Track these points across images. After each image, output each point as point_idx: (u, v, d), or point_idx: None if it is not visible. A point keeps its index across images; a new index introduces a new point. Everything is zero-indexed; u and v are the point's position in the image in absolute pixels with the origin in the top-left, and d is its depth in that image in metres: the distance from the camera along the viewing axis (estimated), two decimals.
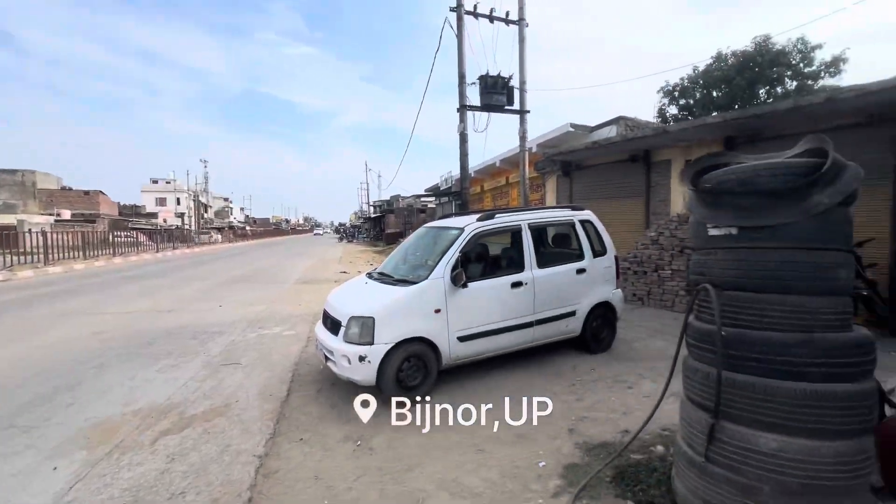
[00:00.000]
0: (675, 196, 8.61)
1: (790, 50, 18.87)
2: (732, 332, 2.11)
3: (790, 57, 18.73)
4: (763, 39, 18.99)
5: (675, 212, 8.32)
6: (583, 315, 5.15)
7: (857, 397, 1.89)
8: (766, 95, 19.20)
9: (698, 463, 2.19)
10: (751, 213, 2.08)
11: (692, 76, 21.37)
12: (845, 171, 1.97)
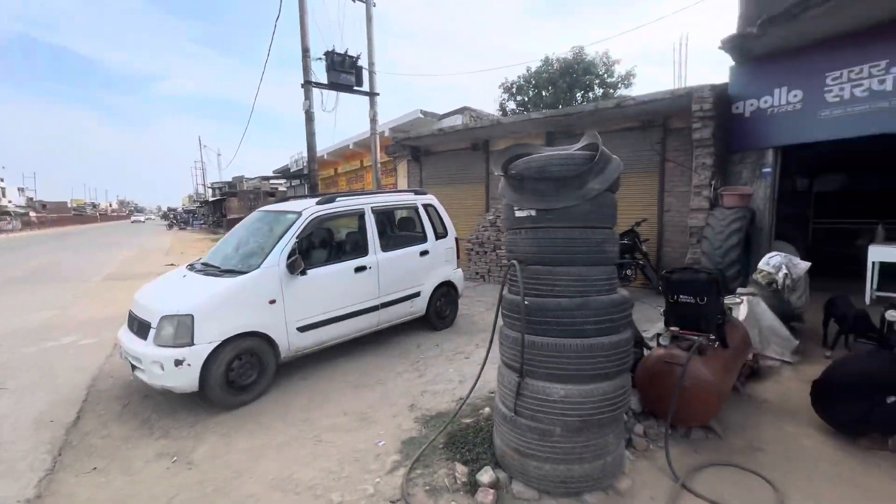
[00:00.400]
0: None
1: (598, 62, 22.52)
2: (534, 300, 2.42)
3: (597, 68, 22.35)
4: (579, 50, 22.25)
5: None
6: (427, 295, 5.38)
7: (619, 345, 2.36)
8: (581, 98, 22.60)
9: (509, 417, 2.48)
10: (545, 197, 2.40)
11: (526, 76, 23.89)
12: (610, 162, 2.41)
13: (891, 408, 2.69)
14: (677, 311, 3.11)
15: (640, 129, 7.58)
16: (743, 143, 6.55)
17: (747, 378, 3.87)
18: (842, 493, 2.42)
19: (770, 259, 4.89)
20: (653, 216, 7.65)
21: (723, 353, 3.03)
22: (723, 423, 3.14)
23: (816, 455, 2.77)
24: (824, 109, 5.71)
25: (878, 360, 2.82)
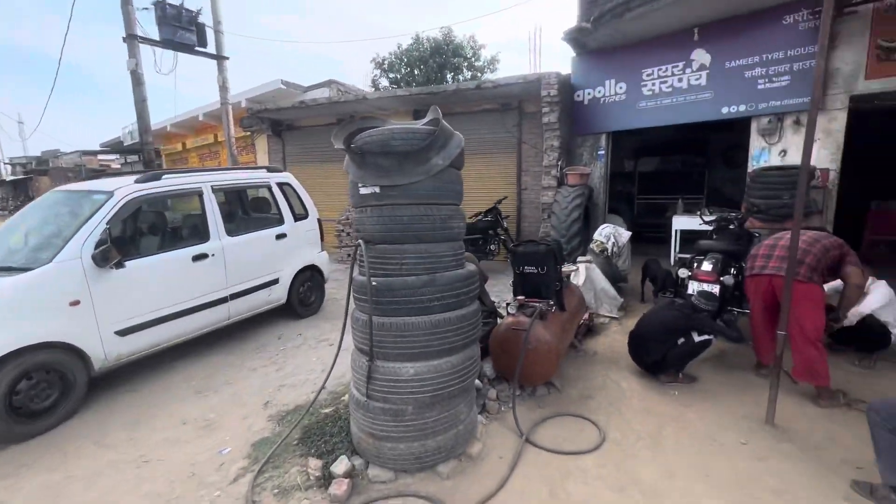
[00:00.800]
0: None
1: (466, 45, 23.19)
2: (382, 281, 2.34)
3: (465, 51, 23.04)
4: (448, 31, 22.60)
5: None
6: (287, 281, 4.98)
7: (465, 319, 2.42)
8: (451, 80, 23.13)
9: (362, 402, 2.40)
10: (389, 173, 2.30)
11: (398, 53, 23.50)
12: (452, 138, 2.41)
13: (680, 348, 3.31)
14: (523, 281, 3.36)
15: (499, 111, 8.00)
16: (583, 128, 7.37)
17: (584, 335, 4.42)
18: (645, 421, 2.91)
19: (602, 230, 5.63)
20: (512, 194, 8.22)
21: (561, 317, 3.37)
22: (563, 377, 3.53)
23: (630, 394, 3.28)
24: (641, 101, 6.69)
25: (673, 310, 3.43)
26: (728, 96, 5.95)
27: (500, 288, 6.04)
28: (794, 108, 5.50)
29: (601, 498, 2.24)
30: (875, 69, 5.02)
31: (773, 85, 5.62)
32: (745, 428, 2.81)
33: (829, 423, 2.82)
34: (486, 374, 3.33)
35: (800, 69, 5.40)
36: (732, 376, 3.51)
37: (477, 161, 8.48)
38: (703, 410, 3.03)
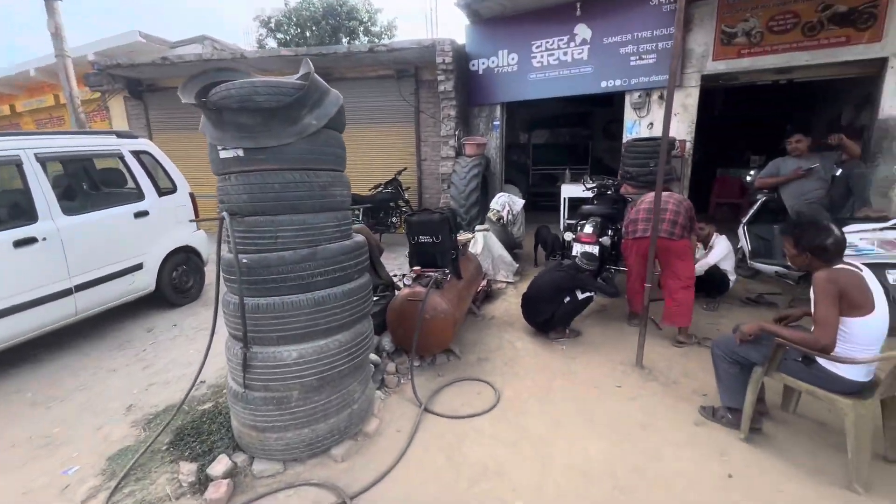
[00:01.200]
0: None
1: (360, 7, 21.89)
2: (254, 257, 2.07)
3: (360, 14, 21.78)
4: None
5: None
6: (155, 266, 4.32)
7: (354, 293, 2.27)
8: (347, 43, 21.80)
9: (241, 394, 2.16)
10: (253, 134, 2.01)
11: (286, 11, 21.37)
12: (327, 95, 2.17)
13: (567, 306, 3.54)
14: (418, 251, 3.29)
15: (395, 78, 7.70)
16: (479, 98, 7.42)
17: (482, 301, 4.55)
18: (537, 377, 3.08)
19: (498, 199, 5.78)
20: (412, 165, 8.08)
21: (458, 285, 3.38)
22: (462, 343, 3.59)
23: (524, 353, 3.45)
24: (532, 73, 6.90)
25: (560, 271, 3.64)
26: (606, 71, 6.39)
27: (403, 261, 5.94)
28: (660, 84, 6.09)
29: (495, 455, 2.32)
30: (720, 51, 5.74)
31: (642, 62, 6.15)
32: (620, 372, 3.12)
33: (684, 361, 3.25)
34: (385, 349, 3.24)
35: (664, 48, 5.96)
36: (610, 327, 3.87)
37: (374, 130, 8.14)
38: (586, 361, 3.29)
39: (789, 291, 4.50)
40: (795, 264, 2.18)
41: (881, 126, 5.16)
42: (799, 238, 2.10)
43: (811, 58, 5.30)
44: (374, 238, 3.48)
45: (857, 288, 1.93)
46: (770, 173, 4.35)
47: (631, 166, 5.75)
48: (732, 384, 2.41)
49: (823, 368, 2.07)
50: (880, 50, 4.99)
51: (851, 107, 6.51)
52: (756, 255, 4.60)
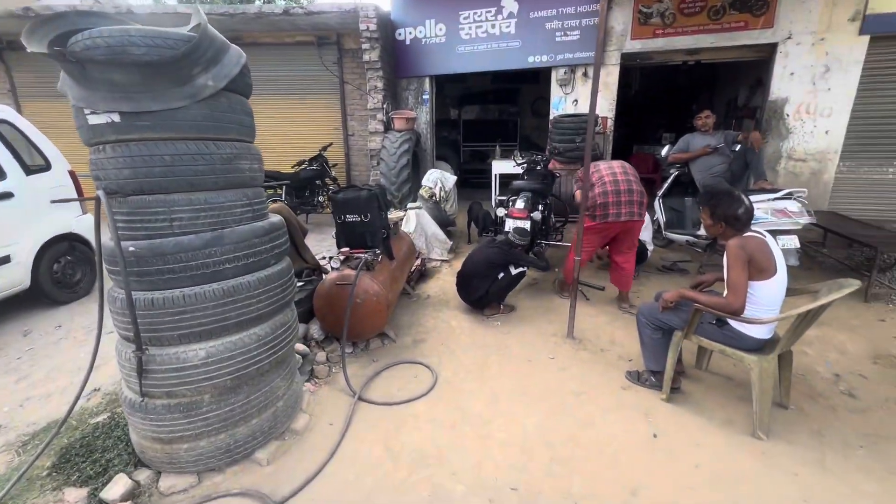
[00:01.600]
0: None
1: None
2: (145, 244, 1.75)
3: None
4: None
5: None
6: (28, 258, 3.65)
7: (272, 280, 2.03)
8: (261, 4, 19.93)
9: (138, 403, 1.86)
10: (130, 94, 1.66)
11: None
12: (226, 51, 1.86)
13: (501, 282, 3.53)
14: (346, 230, 3.06)
15: (316, 46, 7.12)
16: (406, 70, 7.11)
17: (417, 280, 4.44)
18: (473, 354, 3.05)
19: (430, 175, 5.63)
20: (339, 140, 7.63)
21: (390, 265, 3.22)
22: (396, 325, 3.46)
23: (459, 331, 3.41)
24: (460, 45, 6.72)
25: (493, 247, 3.61)
26: (533, 46, 6.40)
27: (331, 242, 5.62)
28: (584, 61, 6.23)
29: (435, 439, 2.25)
30: (637, 31, 5.96)
31: (567, 38, 6.23)
32: (553, 344, 3.19)
33: (611, 329, 3.41)
34: (314, 337, 3.02)
35: (587, 25, 6.07)
36: (542, 300, 3.96)
37: (295, 102, 7.54)
38: (520, 335, 3.33)
39: (698, 258, 4.91)
40: (710, 233, 2.30)
41: (771, 107, 5.72)
42: (714, 208, 2.21)
43: (715, 40, 5.69)
44: (295, 218, 3.19)
45: (763, 253, 2.07)
46: (681, 149, 4.65)
47: (558, 142, 5.87)
48: (655, 348, 2.54)
49: (733, 329, 2.24)
50: (772, 35, 5.48)
51: (747, 88, 7.17)
52: (670, 225, 4.94)
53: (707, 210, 2.25)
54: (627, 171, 3.53)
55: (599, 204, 3.43)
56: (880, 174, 5.54)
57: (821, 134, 5.55)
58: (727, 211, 2.16)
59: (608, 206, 3.41)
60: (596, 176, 3.52)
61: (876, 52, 5.19)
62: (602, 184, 3.45)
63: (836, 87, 5.37)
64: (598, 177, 3.51)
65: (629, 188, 3.43)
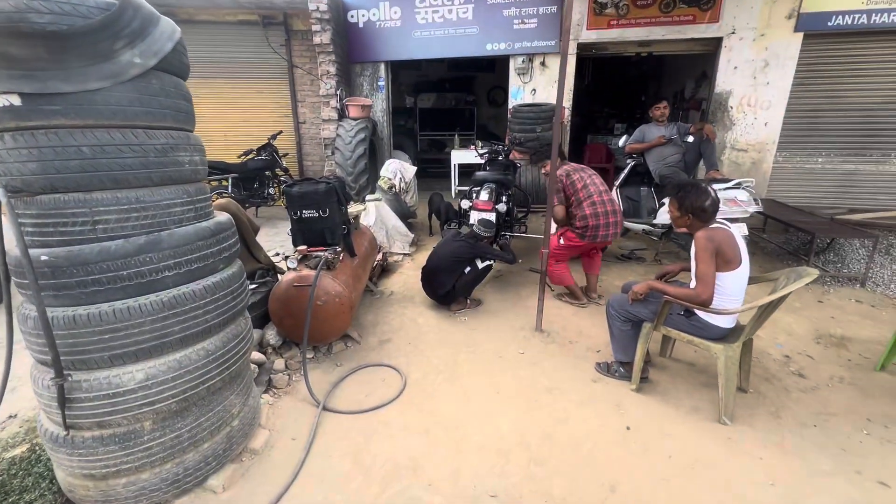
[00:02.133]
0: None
1: None
2: (62, 252, 1.48)
3: None
4: None
5: None
6: None
7: (221, 287, 1.80)
8: None
9: (61, 437, 1.60)
10: (33, 72, 1.37)
11: None
12: (156, 24, 1.59)
13: (467, 276, 3.44)
14: (303, 227, 2.84)
15: (261, 26, 6.63)
16: (361, 55, 6.78)
17: (379, 276, 4.26)
18: (442, 353, 2.95)
19: (389, 166, 5.42)
20: (289, 128, 7.20)
21: (351, 263, 3.03)
22: (360, 325, 3.29)
23: (427, 328, 3.29)
24: (416, 30, 6.48)
25: (458, 241, 3.51)
26: (491, 33, 6.28)
27: (285, 238, 5.29)
28: (542, 49, 6.20)
29: (408, 448, 2.13)
30: (592, 21, 6.00)
31: (525, 26, 6.17)
32: (522, 338, 3.15)
33: (577, 320, 3.42)
34: (270, 343, 2.79)
35: (545, 14, 6.04)
36: (508, 293, 3.92)
37: (240, 87, 7.03)
38: (488, 331, 3.26)
39: (654, 246, 5.07)
40: (678, 225, 2.32)
41: (716, 99, 5.98)
42: (682, 200, 2.21)
43: (666, 32, 5.84)
44: (245, 214, 2.92)
45: (730, 245, 2.10)
46: (637, 139, 4.74)
47: (518, 132, 5.83)
48: (624, 340, 2.55)
49: (701, 319, 2.27)
50: (717, 30, 5.69)
51: (693, 81, 7.47)
52: (626, 214, 5.04)
53: (675, 202, 2.26)
54: (601, 188, 3.46)
55: (590, 225, 3.37)
56: (811, 164, 5.95)
57: (760, 126, 5.88)
58: (695, 203, 2.17)
59: (598, 228, 3.37)
60: (583, 193, 3.41)
61: (808, 48, 5.53)
62: (591, 203, 3.37)
63: (773, 80, 5.69)
64: (586, 194, 3.40)
65: (613, 209, 3.42)
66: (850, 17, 5.29)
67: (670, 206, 2.30)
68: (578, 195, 3.43)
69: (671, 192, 2.30)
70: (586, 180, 3.46)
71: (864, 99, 5.58)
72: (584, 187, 3.43)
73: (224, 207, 2.75)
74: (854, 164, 5.83)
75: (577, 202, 3.44)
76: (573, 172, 3.48)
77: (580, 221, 3.42)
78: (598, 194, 3.41)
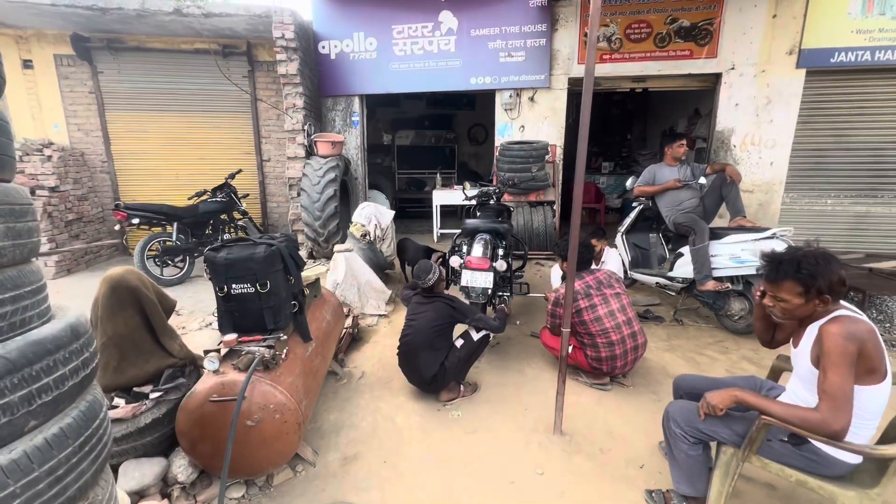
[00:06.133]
0: None
1: None
2: None
3: None
4: None
5: None
6: None
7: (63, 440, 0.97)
8: None
9: None
10: None
11: None
12: None
13: (459, 351, 2.67)
14: (232, 307, 2.02)
15: (222, 55, 5.98)
16: (333, 88, 6.19)
17: (348, 347, 3.43)
18: (432, 480, 2.12)
19: (362, 210, 4.69)
20: (252, 166, 6.44)
21: (304, 352, 2.21)
22: (317, 432, 2.44)
23: (409, 433, 2.46)
24: (394, 62, 5.96)
25: (434, 300, 2.70)
26: (475, 66, 5.81)
27: None
28: (530, 84, 5.74)
29: None
30: (583, 55, 5.60)
31: (512, 59, 5.72)
32: (537, 446, 2.35)
33: (601, 411, 2.65)
34: (179, 480, 1.90)
35: (533, 46, 5.61)
36: (509, 370, 3.13)
37: (196, 120, 6.29)
38: (492, 433, 2.45)
39: (667, 301, 4.42)
40: (796, 315, 1.58)
41: (718, 136, 5.58)
42: (812, 279, 1.46)
43: (662, 68, 5.47)
44: (153, 288, 2.10)
45: (875, 345, 1.41)
46: (646, 181, 4.18)
47: (511, 171, 5.24)
48: (692, 468, 1.79)
49: (817, 449, 1.54)
50: (716, 66, 5.35)
51: (685, 119, 7.16)
52: (635, 264, 4.42)
53: (796, 285, 1.51)
54: (619, 317, 2.72)
55: (605, 358, 2.72)
56: (820, 205, 5.54)
57: (766, 165, 5.47)
58: (831, 278, 1.46)
59: (615, 360, 2.71)
60: (595, 327, 2.70)
61: (812, 85, 5.22)
62: (608, 344, 2.69)
63: (777, 118, 5.33)
64: (599, 329, 2.69)
65: (635, 344, 2.74)
66: (852, 53, 5.02)
67: (784, 292, 1.55)
68: (589, 328, 2.73)
69: (789, 271, 1.52)
70: (599, 311, 2.72)
71: (872, 137, 5.26)
72: (595, 320, 2.71)
73: (118, 281, 1.93)
74: (865, 206, 5.45)
75: (588, 335, 2.75)
76: (582, 297, 2.73)
77: (593, 356, 2.76)
78: (616, 329, 2.69)
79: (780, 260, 1.57)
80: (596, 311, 2.72)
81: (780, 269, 1.55)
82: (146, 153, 6.32)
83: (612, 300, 2.77)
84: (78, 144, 6.14)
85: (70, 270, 5.55)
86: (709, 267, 3.56)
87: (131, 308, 1.97)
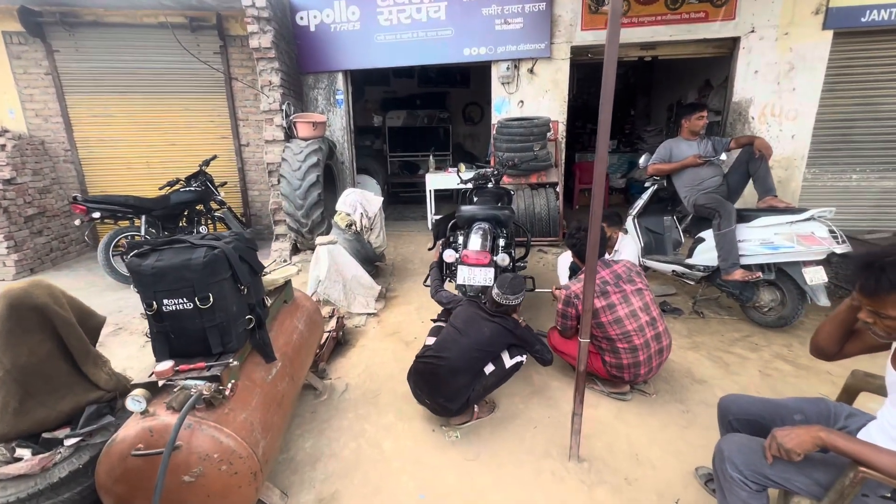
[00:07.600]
0: None
1: None
2: None
3: None
4: None
5: None
6: None
7: None
8: None
9: None
10: None
11: None
12: None
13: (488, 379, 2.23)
14: (166, 329, 1.60)
15: (189, 29, 5.43)
16: (313, 64, 5.66)
17: (331, 354, 3.04)
18: None
19: (347, 198, 4.25)
20: (229, 151, 5.95)
21: (263, 376, 1.80)
22: (290, 463, 2.06)
23: (398, 463, 2.08)
24: (379, 33, 5.42)
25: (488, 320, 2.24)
26: (469, 36, 5.28)
27: None
28: (529, 54, 5.23)
29: None
30: (588, 20, 5.09)
31: (508, 27, 5.19)
32: (551, 476, 1.98)
33: (626, 429, 2.27)
34: None
35: (532, 12, 5.08)
36: (516, 381, 2.73)
37: (165, 102, 5.77)
38: (495, 465, 2.07)
39: (684, 290, 4.03)
40: (880, 329, 1.20)
41: (734, 108, 5.11)
42: None
43: (674, 32, 4.96)
44: (71, 304, 1.68)
45: None
46: (662, 158, 3.74)
47: (506, 150, 4.78)
48: None
49: None
50: (734, 29, 4.85)
51: (695, 91, 6.66)
52: (648, 251, 4.01)
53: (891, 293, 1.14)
54: (642, 317, 2.32)
55: (627, 365, 2.33)
56: (845, 181, 5.12)
57: (787, 138, 5.02)
58: None
59: (638, 367, 2.33)
60: (615, 330, 2.31)
61: (839, 49, 4.74)
62: (631, 350, 2.30)
63: (800, 86, 4.86)
64: (620, 332, 2.30)
65: (660, 347, 2.36)
66: (885, 11, 4.53)
67: (889, 307, 1.14)
68: (607, 332, 2.33)
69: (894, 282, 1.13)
70: (619, 311, 2.32)
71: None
72: (615, 322, 2.31)
73: (18, 299, 1.50)
74: (893, 181, 5.03)
75: (607, 339, 2.36)
76: (598, 295, 2.32)
77: (612, 363, 2.38)
78: (639, 332, 2.30)
79: (883, 266, 1.15)
80: (615, 311, 2.32)
81: (884, 279, 1.13)
82: (113, 140, 5.81)
83: (634, 298, 2.37)
84: (36, 132, 5.62)
85: (33, 270, 5.12)
86: (737, 254, 3.16)
87: (39, 332, 1.55)
